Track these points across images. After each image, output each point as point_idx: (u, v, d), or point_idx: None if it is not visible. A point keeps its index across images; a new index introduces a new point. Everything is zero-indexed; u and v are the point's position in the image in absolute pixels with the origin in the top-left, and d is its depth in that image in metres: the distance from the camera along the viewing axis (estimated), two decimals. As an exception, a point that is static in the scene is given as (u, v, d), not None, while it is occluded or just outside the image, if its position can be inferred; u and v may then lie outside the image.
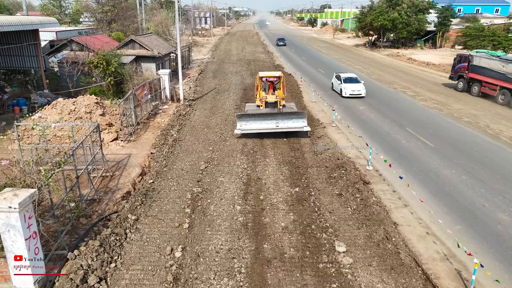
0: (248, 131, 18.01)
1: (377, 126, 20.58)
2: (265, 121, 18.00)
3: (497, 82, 25.36)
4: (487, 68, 26.24)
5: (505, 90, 24.71)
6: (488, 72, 26.17)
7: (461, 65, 29.27)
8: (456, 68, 29.90)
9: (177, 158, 16.06)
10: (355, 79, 28.11)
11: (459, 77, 29.62)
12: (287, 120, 18.05)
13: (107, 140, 16.98)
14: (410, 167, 15.21)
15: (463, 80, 29.11)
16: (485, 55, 27.30)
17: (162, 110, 23.04)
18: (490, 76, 26.07)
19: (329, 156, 15.93)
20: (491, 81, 25.91)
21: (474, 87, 28.04)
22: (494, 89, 25.63)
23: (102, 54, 23.11)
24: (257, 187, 13.46)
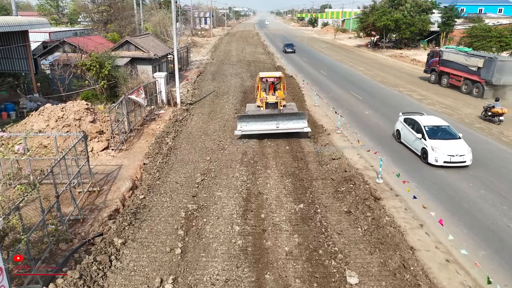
0: (248, 132, 17.80)
1: (384, 132, 19.43)
2: (265, 122, 17.85)
3: (461, 74, 28.98)
4: (454, 62, 29.75)
5: (467, 80, 28.39)
6: (455, 65, 29.74)
7: (433, 60, 32.62)
8: (429, 62, 33.18)
9: (172, 169, 14.92)
10: (447, 130, 16.28)
11: (431, 70, 32.97)
12: (288, 121, 17.85)
13: (97, 149, 15.84)
14: (422, 179, 14.07)
15: (435, 73, 32.48)
16: (453, 50, 31.19)
17: (158, 115, 21.91)
18: (456, 69, 29.61)
19: (335, 167, 14.78)
20: (457, 73, 29.46)
21: (443, 79, 31.39)
22: (459, 80, 29.22)
23: (95, 56, 21.96)
24: (257, 203, 12.32)
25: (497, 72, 25.86)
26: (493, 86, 26.54)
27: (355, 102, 25.97)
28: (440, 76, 31.84)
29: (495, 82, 26.25)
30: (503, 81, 25.88)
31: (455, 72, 29.71)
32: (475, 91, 27.82)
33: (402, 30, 58.58)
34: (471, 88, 28.09)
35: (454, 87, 29.93)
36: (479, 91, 27.38)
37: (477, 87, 27.60)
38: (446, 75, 30.90)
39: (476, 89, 27.71)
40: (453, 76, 30.08)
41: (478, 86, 27.55)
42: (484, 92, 26.97)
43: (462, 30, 58.93)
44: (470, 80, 28.19)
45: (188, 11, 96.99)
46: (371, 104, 25.41)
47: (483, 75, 26.94)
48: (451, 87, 30.26)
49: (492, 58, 26.53)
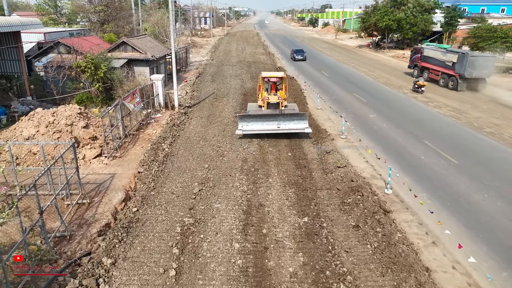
0: (249, 132, 17.74)
1: (391, 138, 18.61)
2: (266, 122, 17.83)
3: (439, 69, 31.55)
4: (433, 58, 32.30)
5: (444, 74, 30.96)
6: (434, 61, 32.24)
7: (415, 56, 35.08)
8: (412, 58, 35.80)
9: (168, 178, 14.09)
10: None
11: (414, 66, 35.45)
12: (289, 121, 17.82)
13: (89, 156, 15.02)
14: (435, 190, 13.24)
15: (417, 68, 34.88)
16: (432, 47, 33.67)
17: (155, 119, 21.08)
18: (435, 64, 32.12)
19: (341, 176, 13.96)
20: (436, 68, 32.00)
21: (424, 73, 33.66)
22: (438, 74, 31.78)
23: (90, 58, 21.14)
24: (259, 217, 11.50)
25: (469, 66, 28.41)
26: (466, 79, 29.05)
27: (358, 105, 25.15)
28: (422, 71, 34.21)
29: (467, 76, 28.76)
30: (475, 75, 28.68)
31: (434, 67, 32.25)
32: (450, 84, 30.28)
33: (405, 30, 57.77)
34: (448, 81, 30.61)
35: (434, 81, 32.37)
36: (454, 84, 29.80)
37: (452, 80, 30.07)
38: (427, 70, 33.36)
39: (452, 82, 30.16)
40: (432, 71, 32.62)
41: (453, 79, 30.00)
42: (458, 84, 29.35)
43: (466, 30, 58.21)
44: (446, 74, 30.77)
45: (187, 11, 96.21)
46: (375, 107, 24.59)
47: (457, 70, 29.39)
48: (430, 80, 32.52)
49: (465, 54, 28.97)
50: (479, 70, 28.69)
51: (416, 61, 35.04)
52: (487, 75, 29.33)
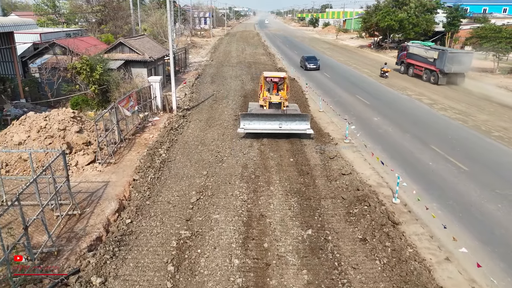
0: (251, 130, 17.81)
1: (397, 143, 17.95)
2: (268, 121, 17.85)
3: (422, 65, 33.99)
4: (417, 55, 34.82)
5: (427, 70, 33.41)
6: (418, 57, 34.80)
7: (402, 53, 37.76)
8: (400, 55, 38.53)
9: (164, 186, 13.44)
10: None
11: (401, 62, 38.07)
12: (291, 122, 17.84)
13: (82, 163, 14.36)
14: (445, 199, 12.58)
15: (403, 64, 37.56)
16: (417, 45, 36.27)
17: (152, 122, 20.42)
18: (419, 60, 34.69)
19: (346, 184, 13.30)
20: (419, 64, 34.54)
21: (410, 69, 36.47)
22: (421, 70, 34.30)
23: (85, 59, 20.49)
24: (260, 229, 10.84)
25: (448, 62, 30.89)
26: (446, 74, 31.51)
27: (362, 108, 24.50)
28: (408, 67, 36.90)
29: (446, 71, 31.21)
30: (453, 70, 31.16)
31: (418, 63, 34.81)
32: (432, 79, 32.68)
33: (407, 31, 57.11)
34: (430, 76, 33.01)
35: (418, 76, 34.91)
36: (435, 78, 32.22)
37: (434, 75, 32.47)
38: (412, 66, 36.00)
39: (433, 77, 32.55)
40: (416, 67, 35.20)
41: (434, 74, 32.42)
42: (438, 79, 31.83)
43: (468, 30, 57.51)
44: (429, 70, 33.18)
45: (187, 11, 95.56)
46: (379, 109, 23.94)
47: (438, 65, 31.77)
48: (415, 76, 35.28)
49: (444, 51, 31.48)
50: (458, 66, 31.12)
51: (403, 58, 37.59)
52: (465, 70, 31.83)
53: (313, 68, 38.84)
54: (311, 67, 38.96)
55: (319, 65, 39.32)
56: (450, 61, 30.91)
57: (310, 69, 38.72)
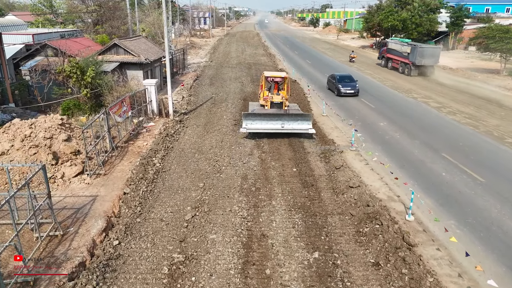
0: (253, 130, 17.75)
1: (406, 151, 16.91)
2: (270, 121, 17.78)
3: (399, 59, 38.21)
4: (395, 50, 39.05)
5: (402, 63, 37.66)
6: (395, 52, 38.95)
7: (383, 49, 42.42)
8: (381, 51, 43.29)
9: (157, 200, 12.40)
10: None
11: (382, 57, 42.45)
12: (293, 121, 17.79)
13: (69, 175, 13.31)
14: (463, 216, 11.54)
15: (384, 59, 41.84)
16: (395, 41, 40.35)
17: (147, 128, 19.37)
18: (396, 55, 38.87)
19: (354, 198, 12.26)
20: (396, 58, 38.72)
21: (389, 63, 40.69)
22: (397, 63, 38.54)
23: (74, 62, 19.45)
24: (261, 252, 9.80)
25: (419, 56, 34.73)
26: (417, 66, 35.44)
27: (367, 111, 23.45)
28: (387, 61, 41.04)
29: (417, 63, 35.15)
30: (423, 63, 34.97)
31: (395, 57, 38.93)
32: (406, 71, 36.74)
33: (409, 31, 56.05)
34: (404, 68, 37.16)
35: (395, 69, 38.97)
36: (408, 70, 36.23)
37: (407, 67, 36.48)
38: (391, 60, 40.16)
39: (407, 69, 36.59)
40: (394, 61, 39.35)
41: (408, 67, 36.42)
42: (411, 71, 35.87)
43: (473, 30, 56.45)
44: (403, 63, 37.27)
45: (186, 11, 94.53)
46: (385, 113, 22.90)
47: (410, 59, 35.69)
48: (393, 69, 39.49)
49: (415, 46, 35.24)
50: (427, 59, 34.94)
51: (384, 53, 41.85)
52: (434, 63, 35.60)
53: (350, 93, 26.46)
54: (347, 92, 26.44)
55: (358, 88, 26.96)
56: (421, 55, 34.79)
57: (346, 95, 26.57)
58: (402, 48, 37.19)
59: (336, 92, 27.15)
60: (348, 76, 28.79)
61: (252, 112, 18.84)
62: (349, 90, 26.70)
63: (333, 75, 29.12)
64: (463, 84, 32.42)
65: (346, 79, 27.88)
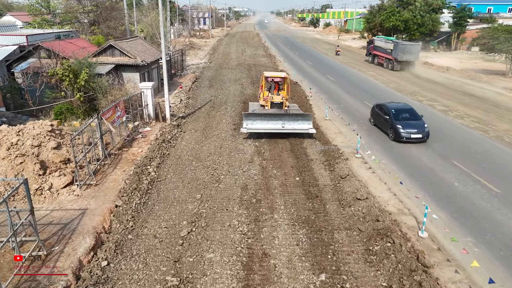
0: (254, 130, 17.78)
1: (414, 158, 16.09)
2: (271, 121, 17.79)
3: (383, 55, 41.42)
4: (380, 47, 42.25)
5: (386, 59, 40.74)
6: (380, 49, 42.10)
7: (370, 46, 45.34)
8: (368, 48, 46.27)
9: (151, 214, 11.58)
10: None
11: (369, 54, 45.67)
12: (293, 121, 17.80)
13: (57, 186, 12.49)
14: (480, 232, 10.72)
15: (371, 55, 45.05)
16: (380, 39, 43.59)
17: (142, 134, 18.55)
18: (381, 52, 42.04)
19: (363, 211, 11.44)
20: (381, 55, 41.91)
21: (375, 59, 43.92)
22: (382, 59, 41.72)
23: (67, 64, 18.63)
24: (263, 274, 8.98)
25: (400, 52, 38.13)
26: (399, 62, 38.66)
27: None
28: (374, 58, 44.13)
29: (399, 59, 38.48)
30: (405, 58, 38.35)
31: (381, 54, 42.09)
32: (389, 66, 39.90)
33: (412, 31, 55.27)
34: (388, 64, 40.27)
35: (380, 64, 42.08)
36: (392, 65, 39.48)
37: (391, 63, 39.71)
38: (377, 56, 43.39)
39: (390, 65, 39.78)
40: (379, 57, 42.52)
41: (391, 62, 39.60)
42: (394, 66, 39.10)
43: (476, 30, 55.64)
44: (387, 59, 40.42)
45: (186, 11, 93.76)
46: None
47: (393, 55, 38.99)
48: (378, 64, 42.66)
49: (397, 43, 38.95)
50: (408, 55, 38.28)
51: (371, 50, 44.87)
52: (414, 58, 38.71)
53: (416, 139, 17.55)
54: (412, 138, 17.48)
55: (428, 131, 17.81)
56: (402, 51, 38.14)
57: (410, 141, 17.59)
58: (386, 45, 40.50)
59: (393, 135, 17.92)
60: (407, 109, 19.17)
61: (253, 112, 18.80)
62: (414, 133, 17.51)
63: (382, 106, 19.63)
64: (469, 86, 31.65)
65: (405, 113, 18.62)
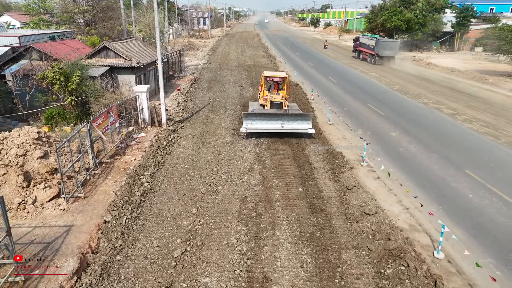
0: (253, 130, 17.92)
1: (424, 166, 15.19)
2: (270, 121, 17.95)
3: (367, 51, 45.65)
4: (365, 44, 46.49)
5: (369, 54, 45.06)
6: (365, 45, 46.37)
7: (356, 43, 49.69)
8: (354, 45, 50.74)
9: (142, 230, 10.69)
10: None
11: (355, 50, 50.14)
12: (293, 121, 18.01)
13: (42, 199, 11.60)
14: (501, 251, 9.83)
15: (357, 51, 49.36)
16: (365, 36, 48.70)
17: (137, 140, 17.65)
18: (365, 48, 46.33)
19: (372, 229, 10.55)
20: (366, 50, 46.09)
21: (360, 55, 48.08)
22: (367, 54, 46.00)
23: (57, 67, 17.75)
24: (264, 302, 8.10)
25: (381, 48, 42.71)
26: (380, 57, 43.25)
27: (376, 119, 21.75)
28: (359, 53, 48.34)
29: (380, 54, 43.08)
30: (385, 54, 42.99)
31: (365, 50, 46.41)
32: (372, 61, 44.28)
33: (414, 31, 54.44)
34: (371, 59, 44.64)
35: (365, 60, 46.28)
36: (374, 60, 43.83)
37: (373, 58, 44.04)
38: (362, 52, 47.58)
39: (373, 60, 44.14)
40: (364, 53, 46.74)
41: (374, 57, 43.91)
42: (376, 60, 43.62)
43: (479, 31, 54.82)
44: (370, 54, 44.76)
45: (185, 11, 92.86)
46: (396, 121, 21.20)
47: (375, 50, 43.37)
48: (363, 59, 46.74)
49: (378, 39, 43.50)
50: (388, 50, 42.87)
51: (357, 47, 49.28)
52: (394, 54, 43.49)
53: None
54: None
55: None
56: (383, 47, 42.55)
57: None
58: (370, 42, 44.70)
59: None
60: None
61: (252, 111, 18.90)
62: None
63: None
64: (475, 88, 30.80)
65: None
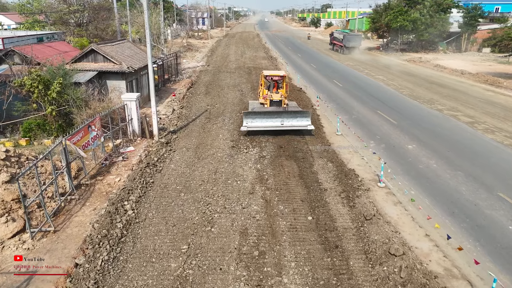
0: (254, 128, 18.15)
1: (450, 188, 13.29)
2: (270, 119, 18.22)
3: (338, 43, 56.26)
4: (336, 37, 57.38)
5: (339, 46, 55.46)
6: (337, 39, 57.11)
7: (331, 37, 60.38)
8: (330, 39, 61.12)
9: (121, 277, 8.80)
10: None
11: (331, 43, 60.50)
12: (292, 118, 18.26)
13: (4, 235, 9.70)
14: None
15: (332, 44, 60.08)
16: (337, 31, 60.33)
17: (124, 155, 15.75)
18: (337, 41, 56.88)
19: (401, 274, 8.64)
20: (337, 43, 56.69)
21: (334, 47, 58.63)
22: (338, 46, 56.26)
23: (36, 74, 15.87)
24: None
25: (347, 40, 53.19)
26: (347, 48, 52.87)
27: (388, 129, 19.86)
28: (333, 46, 58.76)
29: (347, 46, 52.94)
30: (351, 45, 53.04)
31: (337, 42, 56.74)
32: (341, 51, 54.30)
33: (420, 31, 52.51)
34: (340, 49, 54.98)
35: (337, 51, 56.17)
36: (343, 50, 53.51)
37: (342, 49, 53.94)
38: (335, 44, 57.89)
39: (341, 50, 54.12)
40: (336, 45, 57.02)
41: (342, 48, 53.97)
42: (343, 50, 53.35)
43: (487, 31, 52.94)
44: (340, 45, 54.95)
45: (184, 11, 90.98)
46: (410, 131, 19.31)
47: (343, 42, 53.49)
48: (336, 50, 56.82)
49: (345, 34, 55.25)
50: (352, 42, 53.30)
51: (332, 40, 60.01)
52: (357, 45, 53.87)
53: None
54: None
55: None
56: (348, 40, 53.20)
57: None
58: (340, 36, 55.49)
59: None
60: None
61: (252, 110, 19.11)
62: None
63: None
64: (489, 92, 28.94)
65: None
